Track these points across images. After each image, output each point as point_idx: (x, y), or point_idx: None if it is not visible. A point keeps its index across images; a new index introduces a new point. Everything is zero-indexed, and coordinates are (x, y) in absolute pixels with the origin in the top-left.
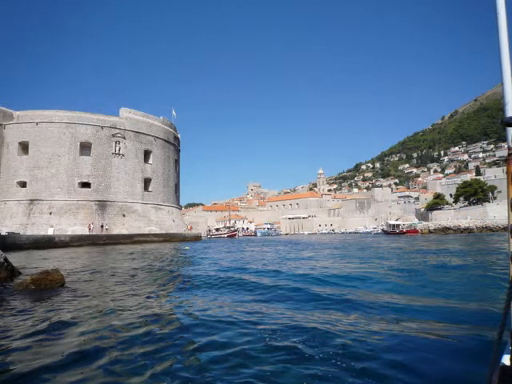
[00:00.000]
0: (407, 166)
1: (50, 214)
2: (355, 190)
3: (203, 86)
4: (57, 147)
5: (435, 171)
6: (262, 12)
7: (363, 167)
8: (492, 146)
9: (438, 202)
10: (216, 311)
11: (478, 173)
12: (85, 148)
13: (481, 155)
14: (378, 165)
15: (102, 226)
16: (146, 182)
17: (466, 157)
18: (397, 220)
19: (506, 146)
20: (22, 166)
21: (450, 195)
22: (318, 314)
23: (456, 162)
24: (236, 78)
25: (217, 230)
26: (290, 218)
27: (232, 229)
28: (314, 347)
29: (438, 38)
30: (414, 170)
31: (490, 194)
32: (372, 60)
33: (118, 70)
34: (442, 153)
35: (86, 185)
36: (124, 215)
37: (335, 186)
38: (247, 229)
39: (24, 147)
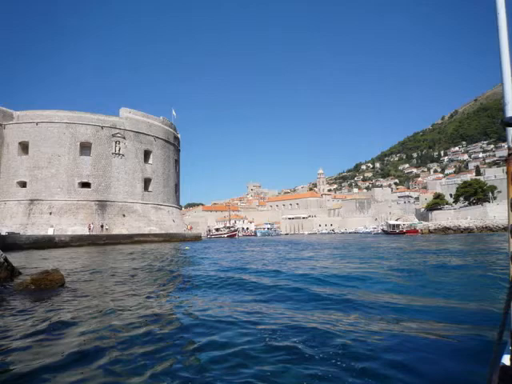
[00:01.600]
0: (407, 165)
1: (50, 214)
2: (355, 190)
3: (203, 85)
4: (57, 147)
5: (435, 171)
6: (262, 12)
7: (363, 167)
8: (492, 146)
9: (438, 202)
10: (216, 311)
11: (478, 173)
12: (85, 148)
13: (481, 155)
14: (377, 165)
15: (102, 226)
16: (146, 182)
17: (466, 157)
18: (397, 220)
19: (506, 146)
20: (22, 166)
21: (450, 195)
22: (318, 313)
23: (456, 161)
24: (236, 77)
25: (217, 230)
26: (290, 218)
27: (232, 229)
28: (313, 347)
29: (438, 37)
30: (414, 170)
31: (490, 194)
32: (372, 60)
33: (118, 70)
34: (442, 153)
35: (85, 185)
36: (124, 215)
37: (335, 186)
38: (247, 229)
39: (24, 147)
